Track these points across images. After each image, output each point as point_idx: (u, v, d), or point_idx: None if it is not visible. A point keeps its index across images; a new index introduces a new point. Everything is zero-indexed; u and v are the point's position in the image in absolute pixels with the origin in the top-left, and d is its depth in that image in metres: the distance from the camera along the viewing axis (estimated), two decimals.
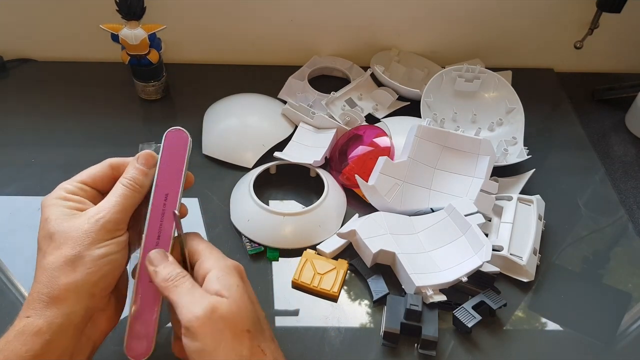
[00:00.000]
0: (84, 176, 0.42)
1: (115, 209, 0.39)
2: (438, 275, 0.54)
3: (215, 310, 0.35)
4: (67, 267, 0.36)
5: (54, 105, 0.77)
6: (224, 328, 0.34)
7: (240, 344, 0.34)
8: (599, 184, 0.70)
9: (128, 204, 0.40)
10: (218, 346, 0.34)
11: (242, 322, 0.35)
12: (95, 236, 0.37)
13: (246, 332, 0.35)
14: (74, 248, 0.36)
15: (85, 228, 0.37)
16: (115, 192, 0.40)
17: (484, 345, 0.52)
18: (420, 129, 0.64)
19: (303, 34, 0.84)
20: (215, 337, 0.34)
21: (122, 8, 0.69)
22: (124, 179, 0.41)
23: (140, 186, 0.41)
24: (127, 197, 0.40)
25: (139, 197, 0.41)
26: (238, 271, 0.39)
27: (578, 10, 0.81)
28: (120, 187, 0.40)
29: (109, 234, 0.38)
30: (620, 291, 0.58)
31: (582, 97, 0.85)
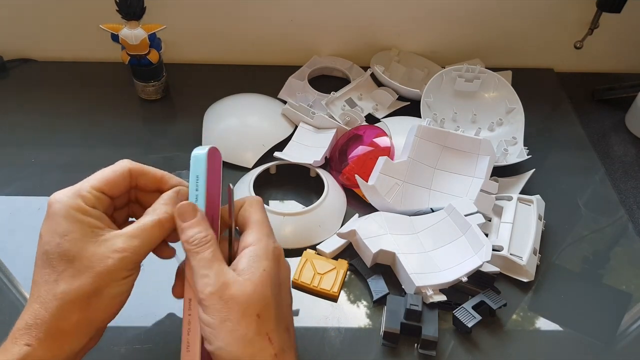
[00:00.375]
0: (101, 183, 0.38)
1: (143, 250, 0.36)
2: (438, 275, 0.54)
3: (227, 289, 0.34)
4: (83, 302, 0.34)
5: (54, 105, 0.77)
6: (232, 308, 0.34)
7: (246, 326, 0.34)
8: (599, 184, 0.70)
9: (155, 242, 0.37)
10: (223, 324, 0.33)
11: (252, 306, 0.34)
12: (117, 274, 0.35)
13: (255, 317, 0.34)
14: (93, 282, 0.34)
15: (109, 264, 0.34)
16: (145, 229, 0.37)
17: (484, 345, 0.52)
18: (420, 129, 0.64)
19: (303, 34, 0.84)
20: (222, 315, 0.34)
21: (122, 8, 0.69)
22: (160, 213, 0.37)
23: (170, 226, 0.38)
24: (156, 236, 0.37)
25: (167, 234, 0.38)
26: (275, 255, 0.37)
27: (578, 10, 0.81)
28: (153, 225, 0.37)
29: (128, 272, 0.36)
30: (620, 291, 0.58)
31: (582, 97, 0.85)
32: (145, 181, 0.40)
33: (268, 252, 0.37)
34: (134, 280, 0.37)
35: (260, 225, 0.39)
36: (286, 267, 0.40)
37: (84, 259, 0.34)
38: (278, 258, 0.38)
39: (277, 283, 0.37)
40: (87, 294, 0.34)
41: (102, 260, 0.34)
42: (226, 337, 0.33)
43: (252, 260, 0.36)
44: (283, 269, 0.39)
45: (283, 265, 0.39)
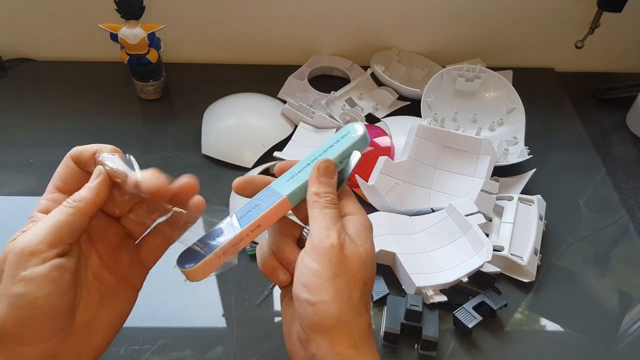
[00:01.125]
0: (54, 181, 0.35)
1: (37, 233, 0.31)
2: (438, 276, 0.54)
3: (346, 248, 0.34)
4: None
5: (53, 104, 0.77)
6: (346, 267, 0.34)
7: (353, 288, 0.34)
8: (600, 184, 0.69)
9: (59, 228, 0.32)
10: (334, 279, 0.33)
11: (362, 272, 0.34)
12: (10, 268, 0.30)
13: (362, 284, 0.34)
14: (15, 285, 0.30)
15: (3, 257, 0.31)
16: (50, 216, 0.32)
17: (485, 345, 0.52)
18: (420, 129, 0.64)
19: (303, 33, 0.83)
20: (334, 270, 0.33)
21: (121, 7, 0.69)
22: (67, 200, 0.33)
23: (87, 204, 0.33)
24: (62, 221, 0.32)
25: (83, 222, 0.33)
26: (372, 229, 0.37)
27: (579, 9, 0.81)
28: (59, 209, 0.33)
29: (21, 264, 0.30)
30: (620, 291, 0.58)
31: (583, 96, 0.85)
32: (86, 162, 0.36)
33: (370, 226, 0.37)
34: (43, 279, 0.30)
35: (354, 198, 0.39)
36: None
37: None
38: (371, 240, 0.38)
39: None
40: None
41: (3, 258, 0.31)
42: (334, 292, 0.33)
43: (360, 229, 0.36)
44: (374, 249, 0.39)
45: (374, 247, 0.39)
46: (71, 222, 0.32)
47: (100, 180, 0.34)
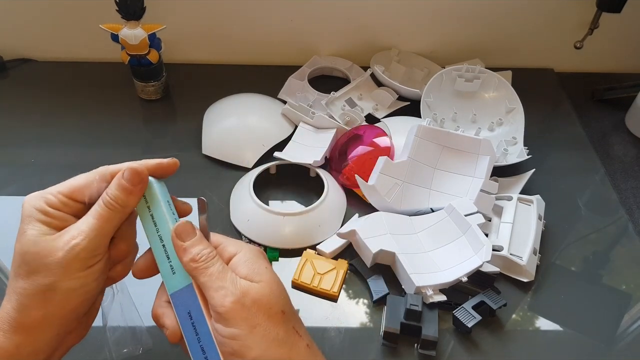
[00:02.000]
0: (70, 189, 0.37)
1: (92, 235, 0.35)
2: (438, 275, 0.54)
3: (247, 294, 0.34)
4: (39, 297, 0.34)
5: (54, 105, 0.77)
6: (258, 312, 0.34)
7: (275, 325, 0.34)
8: (599, 184, 0.70)
9: (107, 228, 0.36)
10: (253, 330, 0.33)
11: (276, 304, 0.34)
12: (69, 267, 0.34)
13: (281, 313, 0.34)
14: (46, 277, 0.34)
15: (60, 256, 0.34)
16: (93, 213, 0.36)
17: (484, 345, 0.52)
18: (420, 129, 0.64)
19: (303, 34, 0.84)
20: (249, 321, 0.33)
21: (122, 8, 0.69)
22: (105, 197, 0.36)
23: (122, 206, 0.36)
24: (106, 220, 0.36)
25: (120, 218, 0.37)
26: (263, 255, 0.38)
27: (578, 10, 0.81)
28: (99, 207, 0.36)
29: (84, 263, 0.35)
30: (620, 291, 0.58)
31: (582, 97, 0.85)
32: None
33: (256, 252, 0.37)
34: (97, 273, 0.36)
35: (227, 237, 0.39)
36: None
37: (37, 256, 0.34)
38: (265, 257, 0.38)
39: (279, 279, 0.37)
40: (41, 289, 0.34)
41: (51, 253, 0.34)
42: (261, 343, 0.33)
43: (250, 263, 0.36)
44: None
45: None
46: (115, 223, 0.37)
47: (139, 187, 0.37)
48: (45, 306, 0.34)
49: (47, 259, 0.34)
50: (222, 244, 0.38)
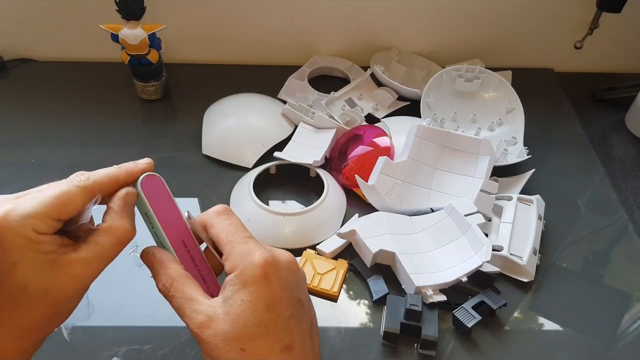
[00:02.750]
0: (59, 212, 0.33)
1: (100, 270, 0.34)
2: (438, 275, 0.54)
3: (206, 328, 0.34)
4: (45, 323, 0.33)
5: (54, 105, 0.77)
6: (215, 347, 0.33)
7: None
8: (599, 184, 0.70)
9: (112, 260, 0.35)
10: (214, 358, 0.33)
11: (234, 341, 0.33)
12: (75, 297, 0.34)
13: (239, 350, 0.33)
14: (51, 308, 0.33)
15: (68, 290, 0.33)
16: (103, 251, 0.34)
17: (484, 345, 0.52)
18: (420, 129, 0.64)
19: (303, 34, 0.84)
20: (211, 350, 0.33)
21: (122, 8, 0.69)
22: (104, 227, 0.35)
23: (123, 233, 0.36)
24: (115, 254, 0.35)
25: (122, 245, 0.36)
26: (258, 276, 0.34)
27: (578, 10, 0.81)
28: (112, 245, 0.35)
29: (84, 292, 0.35)
30: (620, 291, 0.58)
31: (582, 97, 0.85)
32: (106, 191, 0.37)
33: (246, 278, 0.34)
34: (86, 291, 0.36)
35: (232, 245, 0.36)
36: (283, 276, 0.35)
37: (40, 288, 0.32)
38: (264, 276, 0.34)
39: (266, 305, 0.34)
40: (47, 317, 0.33)
41: (59, 287, 0.33)
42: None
43: (232, 290, 0.34)
44: (275, 281, 0.34)
45: (275, 277, 0.35)
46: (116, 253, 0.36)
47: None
48: (46, 329, 0.34)
49: (54, 294, 0.33)
50: (226, 256, 0.36)
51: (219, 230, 0.37)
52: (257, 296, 0.34)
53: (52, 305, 0.33)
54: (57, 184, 0.34)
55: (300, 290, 0.37)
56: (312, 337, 0.37)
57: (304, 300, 0.37)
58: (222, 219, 0.38)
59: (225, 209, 0.39)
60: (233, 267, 0.35)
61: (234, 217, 0.38)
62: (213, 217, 0.38)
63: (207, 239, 0.38)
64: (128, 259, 0.57)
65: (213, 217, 0.38)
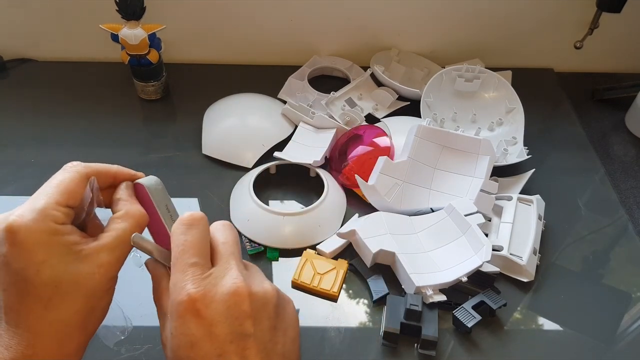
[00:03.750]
0: (65, 197, 0.33)
1: (124, 258, 0.35)
2: (438, 275, 0.54)
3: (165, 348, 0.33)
4: (81, 322, 0.33)
5: (54, 105, 0.77)
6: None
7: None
8: (599, 184, 0.70)
9: (128, 247, 0.35)
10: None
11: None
12: (104, 287, 0.34)
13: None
14: (87, 302, 0.33)
15: (97, 279, 0.32)
16: (124, 237, 0.34)
17: (484, 345, 0.52)
18: (420, 129, 0.64)
19: (303, 34, 0.84)
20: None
21: (122, 8, 0.69)
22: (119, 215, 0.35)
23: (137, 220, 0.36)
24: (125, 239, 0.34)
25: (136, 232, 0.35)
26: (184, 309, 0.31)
27: (578, 10, 0.81)
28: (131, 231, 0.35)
29: (114, 281, 0.35)
30: (620, 291, 0.58)
31: (582, 97, 0.85)
32: (100, 182, 0.37)
33: (172, 310, 0.31)
34: (116, 284, 0.36)
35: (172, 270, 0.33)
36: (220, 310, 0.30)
37: (70, 282, 0.32)
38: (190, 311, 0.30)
39: (190, 342, 0.30)
40: (83, 314, 0.33)
41: (89, 278, 0.32)
42: None
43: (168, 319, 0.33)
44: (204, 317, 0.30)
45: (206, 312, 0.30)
46: None
47: None
48: (85, 330, 0.34)
49: (85, 285, 0.32)
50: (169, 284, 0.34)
51: (173, 245, 0.34)
52: (181, 331, 0.31)
53: (86, 298, 0.32)
54: (53, 177, 0.34)
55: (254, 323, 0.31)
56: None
57: (255, 334, 0.31)
58: (180, 230, 0.34)
59: (191, 219, 0.34)
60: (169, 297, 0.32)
61: (191, 233, 0.33)
62: (175, 226, 0.34)
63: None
64: (128, 259, 0.57)
65: (175, 226, 0.34)
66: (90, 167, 0.36)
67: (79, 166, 0.35)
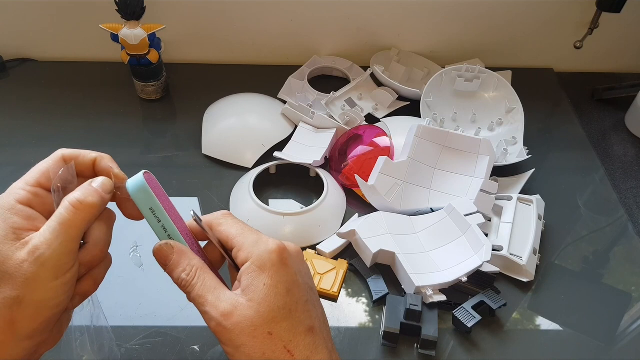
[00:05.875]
0: (38, 175, 0.35)
1: (57, 242, 0.32)
2: (438, 275, 0.54)
3: (230, 317, 0.33)
4: (6, 310, 0.31)
5: (54, 105, 0.77)
6: (240, 333, 0.33)
7: (261, 347, 0.33)
8: (599, 184, 0.70)
9: (73, 232, 0.33)
10: (238, 349, 0.33)
11: (261, 326, 0.33)
12: (37, 279, 0.31)
13: (267, 335, 0.33)
14: (13, 289, 0.31)
15: (25, 268, 0.31)
16: (57, 217, 0.33)
17: (484, 345, 0.52)
18: (420, 129, 0.64)
19: (303, 34, 0.84)
20: (233, 342, 0.33)
21: (122, 8, 0.69)
22: (70, 198, 0.33)
23: (91, 207, 0.34)
24: (71, 224, 0.33)
25: (88, 220, 0.34)
26: (275, 260, 0.35)
27: (578, 10, 0.81)
28: (64, 209, 0.33)
29: (52, 274, 0.32)
30: (620, 291, 0.58)
31: (582, 97, 0.85)
32: (79, 167, 0.37)
33: (264, 262, 0.35)
34: (69, 284, 0.33)
35: (244, 236, 0.37)
36: (295, 262, 0.36)
37: (2, 264, 0.31)
38: (280, 260, 0.35)
39: (286, 288, 0.35)
40: (7, 302, 0.31)
41: (18, 265, 0.31)
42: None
43: (251, 277, 0.35)
44: (290, 266, 0.35)
45: (290, 262, 0.36)
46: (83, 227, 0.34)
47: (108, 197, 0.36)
48: (11, 320, 0.31)
49: (13, 270, 0.31)
50: (235, 248, 0.36)
51: (227, 227, 0.38)
52: (278, 279, 0.34)
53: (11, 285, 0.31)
54: None
55: (309, 278, 0.38)
56: (326, 322, 0.38)
57: (314, 288, 0.38)
58: (229, 218, 0.38)
59: (230, 213, 0.40)
60: (248, 256, 0.35)
61: (238, 219, 0.39)
62: (220, 218, 0.38)
63: (213, 237, 0.38)
64: (128, 259, 0.57)
65: (220, 218, 0.38)
66: (67, 150, 0.37)
67: (60, 150, 0.37)
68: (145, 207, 0.36)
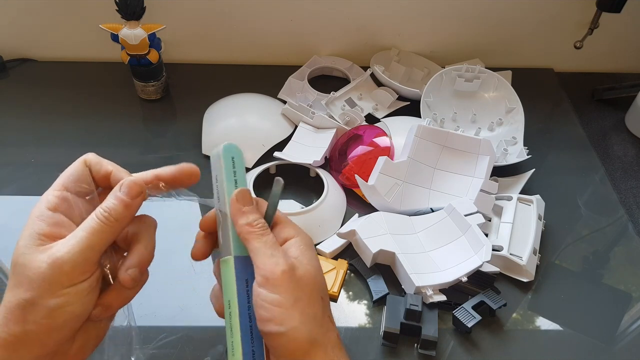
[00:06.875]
0: (62, 179, 0.35)
1: (79, 248, 0.32)
2: (438, 275, 0.54)
3: (296, 269, 0.35)
4: (19, 312, 0.31)
5: (54, 105, 0.77)
6: (302, 289, 0.35)
7: (315, 307, 0.35)
8: (599, 184, 0.70)
9: (98, 242, 0.33)
10: (296, 302, 0.34)
11: (317, 289, 0.36)
12: (52, 282, 0.31)
13: (320, 299, 0.36)
14: (27, 291, 0.31)
15: (42, 270, 0.31)
16: (85, 226, 0.33)
17: (484, 345, 0.52)
18: (420, 129, 0.64)
19: (303, 34, 0.84)
20: (294, 293, 0.34)
21: (122, 8, 0.69)
22: (99, 210, 0.34)
23: (117, 220, 0.33)
24: (98, 233, 0.33)
25: (114, 233, 0.34)
26: (314, 247, 0.39)
27: (578, 10, 0.81)
28: (92, 220, 0.33)
29: (68, 279, 0.32)
30: (620, 291, 0.58)
31: (582, 97, 0.85)
32: (98, 175, 0.37)
33: (310, 243, 0.38)
34: (84, 292, 0.33)
35: (289, 220, 0.40)
36: None
37: (22, 267, 0.32)
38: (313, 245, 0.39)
39: (319, 266, 0.38)
40: (21, 303, 0.31)
41: (37, 267, 0.31)
42: (301, 315, 0.34)
43: (302, 249, 0.37)
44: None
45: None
46: (107, 238, 0.34)
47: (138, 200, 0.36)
48: (23, 323, 0.31)
49: (31, 272, 0.31)
50: (281, 225, 0.39)
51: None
52: (316, 258, 0.38)
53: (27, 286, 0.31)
54: None
55: None
56: None
57: None
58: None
59: None
60: (296, 233, 0.38)
61: None
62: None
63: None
64: None
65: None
66: (90, 156, 0.38)
67: (85, 155, 0.38)
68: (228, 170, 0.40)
